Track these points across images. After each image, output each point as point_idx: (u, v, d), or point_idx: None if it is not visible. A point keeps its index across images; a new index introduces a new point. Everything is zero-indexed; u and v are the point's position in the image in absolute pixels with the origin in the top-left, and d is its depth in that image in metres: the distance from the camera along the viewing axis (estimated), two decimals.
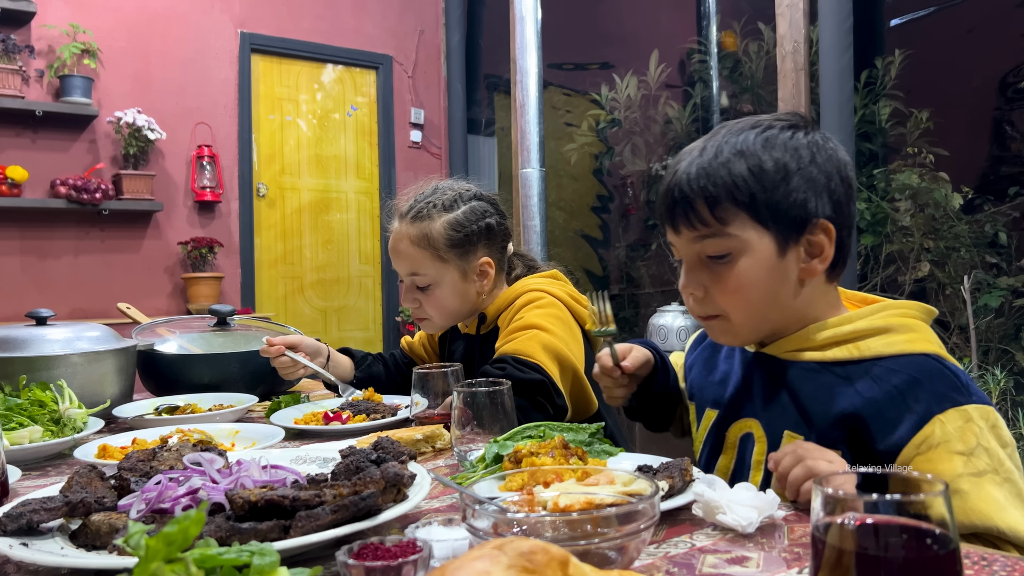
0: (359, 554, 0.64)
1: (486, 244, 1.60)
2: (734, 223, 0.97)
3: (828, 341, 1.00)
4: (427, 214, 1.55)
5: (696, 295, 1.03)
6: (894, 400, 0.93)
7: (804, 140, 1.00)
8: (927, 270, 3.14)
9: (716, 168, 0.98)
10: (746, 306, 1.00)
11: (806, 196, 0.97)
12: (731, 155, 0.98)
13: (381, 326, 5.50)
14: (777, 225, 0.97)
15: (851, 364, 0.98)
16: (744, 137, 1.00)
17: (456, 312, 1.62)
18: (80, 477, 0.87)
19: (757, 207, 0.97)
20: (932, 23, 3.32)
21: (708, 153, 1.00)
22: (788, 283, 1.00)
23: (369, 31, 5.38)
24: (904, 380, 0.93)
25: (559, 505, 0.70)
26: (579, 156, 5.14)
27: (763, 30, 4.02)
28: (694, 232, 1.00)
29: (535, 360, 1.39)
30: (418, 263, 1.56)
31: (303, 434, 1.41)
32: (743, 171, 0.97)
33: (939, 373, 0.94)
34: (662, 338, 3.75)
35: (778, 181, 0.97)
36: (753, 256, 0.98)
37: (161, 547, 0.49)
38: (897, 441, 0.91)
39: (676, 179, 1.01)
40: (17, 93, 4.09)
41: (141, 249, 4.59)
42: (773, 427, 1.03)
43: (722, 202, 0.97)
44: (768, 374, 1.06)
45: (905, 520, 0.50)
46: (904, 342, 0.97)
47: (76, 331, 1.58)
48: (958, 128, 3.21)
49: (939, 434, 0.89)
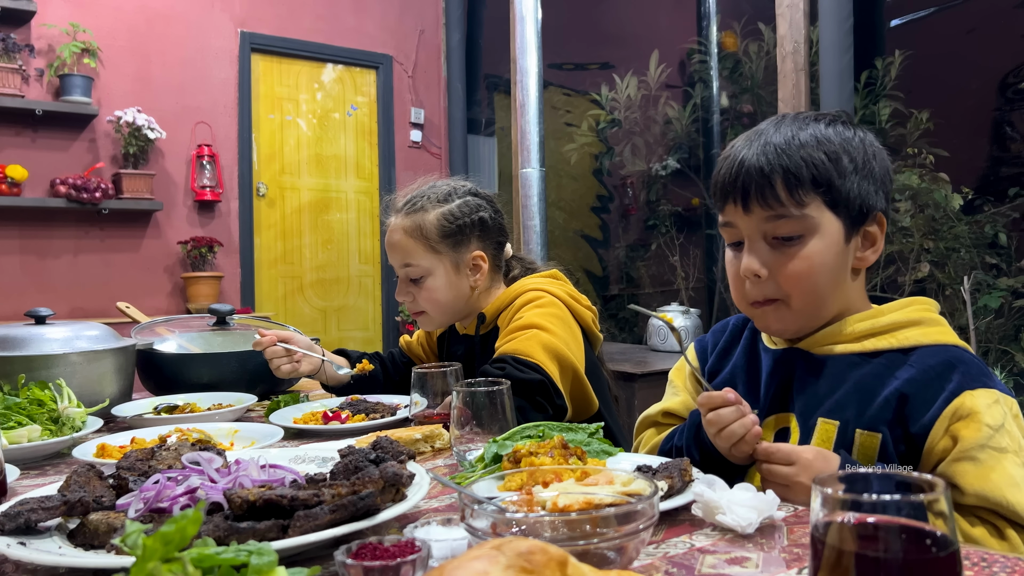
0: (357, 554, 0.64)
1: (479, 237, 1.61)
2: (811, 204, 1.00)
3: (864, 333, 1.04)
4: (421, 206, 1.58)
5: (761, 274, 1.02)
6: (931, 381, 0.97)
7: (865, 138, 1.05)
8: (927, 271, 3.14)
9: (796, 150, 1.00)
10: (811, 290, 1.02)
11: (870, 189, 1.02)
12: (808, 140, 1.01)
13: (381, 326, 5.50)
14: (847, 212, 1.01)
15: (889, 353, 1.02)
16: (814, 127, 1.03)
17: (450, 306, 1.61)
18: (78, 476, 0.87)
19: (832, 191, 1.00)
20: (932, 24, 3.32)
21: (783, 136, 1.02)
22: (846, 271, 1.04)
23: (369, 31, 5.38)
24: (940, 362, 0.98)
25: (558, 505, 0.70)
26: (579, 156, 5.14)
27: (763, 30, 4.02)
28: (768, 211, 1.01)
29: (535, 360, 1.39)
30: (411, 253, 1.57)
31: (302, 433, 1.40)
32: (822, 156, 1.00)
33: (971, 361, 1.00)
34: (662, 338, 3.75)
35: (851, 171, 1.01)
36: (824, 239, 1.01)
37: (158, 546, 0.49)
38: (930, 417, 0.95)
39: (748, 158, 1.02)
40: (17, 92, 4.08)
41: (141, 248, 4.59)
42: (807, 418, 1.05)
43: (803, 182, 0.99)
44: (802, 369, 1.07)
45: (905, 521, 0.50)
46: (937, 333, 1.03)
47: (75, 330, 1.58)
48: (958, 129, 3.21)
49: (969, 405, 0.94)
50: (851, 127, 1.05)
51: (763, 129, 1.06)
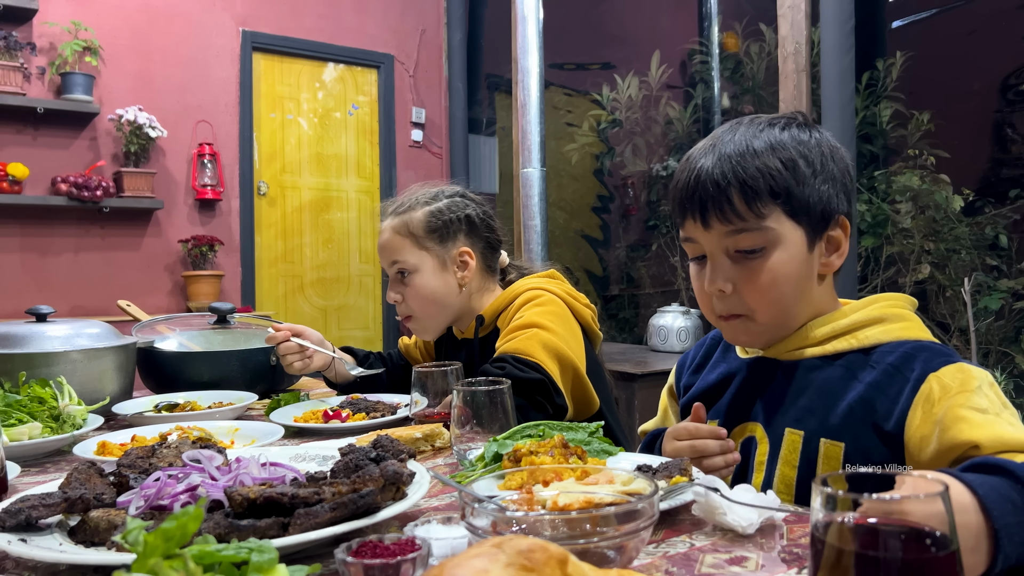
0: (358, 552, 0.64)
1: (467, 234, 1.63)
2: (771, 216, 0.97)
3: (827, 336, 1.02)
4: (409, 206, 1.62)
5: (724, 290, 1.00)
6: (891, 376, 0.95)
7: (822, 138, 1.03)
8: (927, 272, 3.14)
9: (750, 160, 0.97)
10: (777, 301, 1.00)
11: (831, 192, 1.00)
12: (763, 149, 0.98)
13: (381, 325, 5.50)
14: (808, 219, 0.99)
15: (852, 354, 1.00)
16: (768, 133, 1.00)
17: (437, 305, 1.61)
18: (79, 474, 0.87)
19: (791, 200, 0.98)
20: (933, 25, 3.32)
21: (736, 146, 0.99)
22: (811, 278, 1.02)
23: (370, 30, 5.38)
24: (898, 357, 0.96)
25: (558, 504, 0.70)
26: (580, 156, 5.14)
27: (764, 31, 4.02)
28: (728, 226, 0.98)
29: (535, 359, 1.39)
30: (398, 251, 1.60)
31: (302, 432, 1.40)
32: (778, 164, 0.97)
33: (933, 347, 0.97)
34: (662, 338, 3.75)
35: (809, 176, 0.98)
36: (786, 250, 0.99)
37: (159, 543, 0.49)
38: (901, 411, 0.92)
39: (704, 171, 0.99)
40: (18, 90, 4.08)
41: (141, 247, 4.59)
42: (774, 427, 1.04)
43: (760, 194, 0.97)
44: (769, 377, 1.07)
45: (905, 520, 0.50)
46: (900, 329, 1.00)
47: (76, 328, 1.58)
48: (959, 130, 3.21)
49: (937, 388, 0.91)
50: (806, 128, 1.02)
51: (718, 137, 1.03)
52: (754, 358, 1.09)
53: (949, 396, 0.89)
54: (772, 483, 1.01)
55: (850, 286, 2.89)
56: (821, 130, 1.04)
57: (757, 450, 1.05)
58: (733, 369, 1.12)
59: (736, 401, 1.09)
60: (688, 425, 1.02)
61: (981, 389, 0.90)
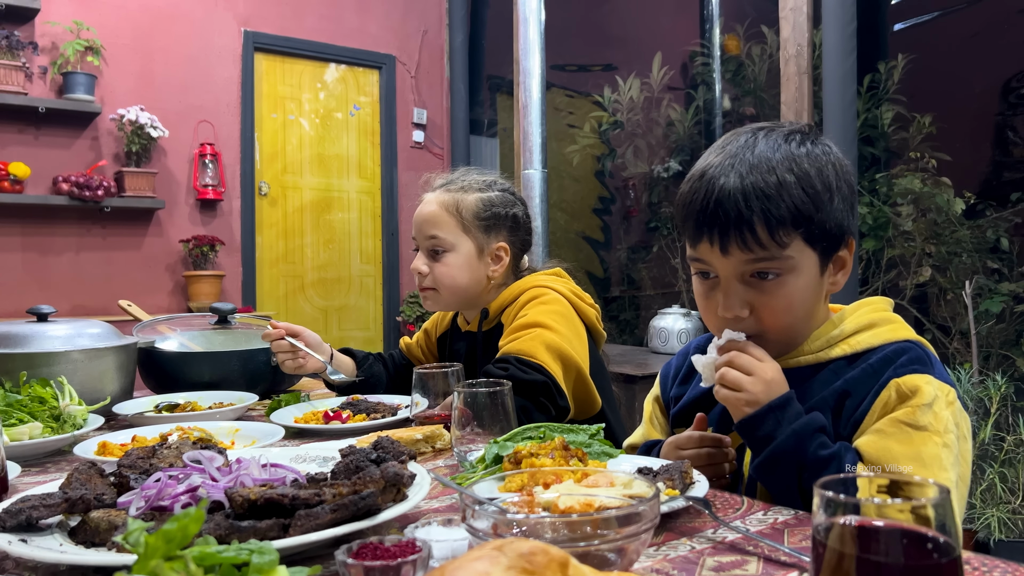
0: (358, 553, 0.64)
1: (509, 231, 1.63)
2: (792, 245, 0.95)
3: (821, 347, 1.04)
4: (462, 187, 1.62)
5: (742, 316, 0.98)
6: (867, 377, 0.97)
7: (831, 153, 1.01)
8: (928, 275, 3.14)
9: (773, 186, 0.94)
10: (790, 324, 1.00)
11: (843, 214, 0.99)
12: (784, 171, 0.95)
13: (382, 326, 5.50)
14: (823, 244, 0.98)
15: (841, 359, 1.02)
16: (785, 151, 0.97)
17: (462, 289, 1.61)
18: (80, 474, 0.87)
19: (812, 227, 0.96)
20: (935, 28, 3.32)
21: (757, 167, 0.95)
22: (820, 299, 1.03)
23: (372, 31, 5.38)
24: (879, 359, 0.99)
25: (559, 506, 0.70)
26: (581, 158, 5.14)
27: (766, 33, 4.02)
28: (749, 255, 0.95)
29: (538, 360, 1.39)
30: (441, 226, 1.59)
31: (303, 433, 1.40)
32: (800, 193, 0.94)
33: (910, 350, 0.99)
34: (663, 340, 3.75)
35: (826, 200, 0.96)
36: (802, 276, 0.98)
37: (160, 544, 0.49)
38: (863, 410, 0.96)
39: (725, 194, 0.95)
40: (20, 90, 4.09)
41: (142, 246, 4.59)
42: None
43: (784, 223, 0.94)
44: None
45: (907, 525, 0.50)
46: (888, 332, 1.02)
47: (77, 328, 1.58)
48: (960, 133, 3.21)
49: (894, 396, 0.93)
50: (818, 143, 1.00)
51: (735, 153, 0.98)
52: None
53: (900, 401, 0.93)
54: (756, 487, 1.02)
55: (851, 289, 2.89)
56: (829, 143, 1.02)
57: (747, 457, 1.05)
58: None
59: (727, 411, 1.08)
60: (693, 434, 1.04)
61: (930, 406, 0.91)
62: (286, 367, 1.65)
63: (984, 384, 2.66)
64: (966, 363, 2.87)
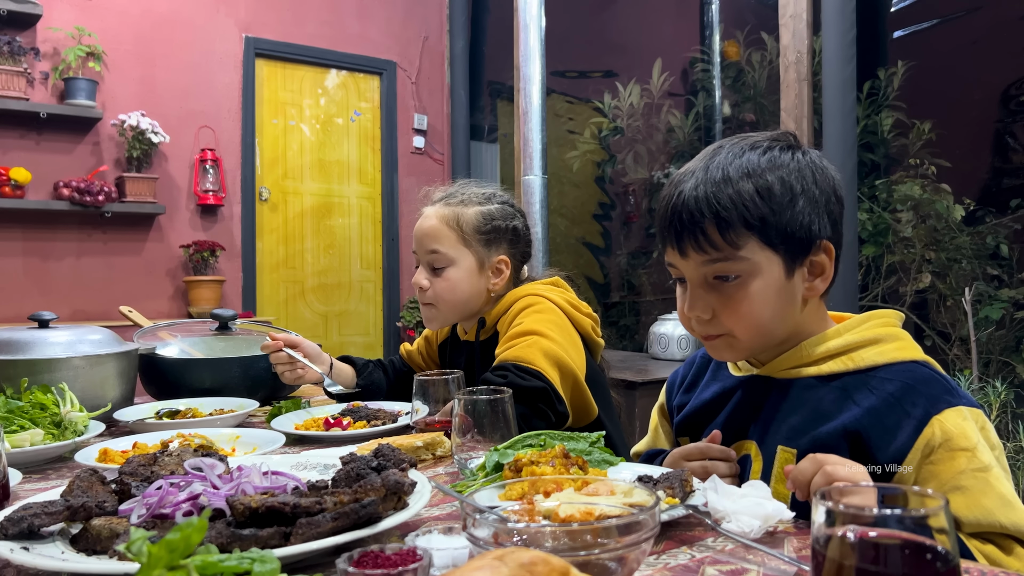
0: (359, 562, 0.64)
1: (510, 244, 1.63)
2: (746, 246, 0.97)
3: (822, 356, 1.02)
4: (461, 200, 1.61)
5: (704, 317, 1.02)
6: (891, 407, 0.95)
7: (804, 161, 1.01)
8: (928, 281, 3.14)
9: (724, 190, 0.97)
10: (756, 325, 1.01)
11: (811, 218, 0.99)
12: (738, 177, 0.98)
13: (382, 331, 5.50)
14: (785, 247, 0.99)
15: (846, 375, 1.00)
16: (748, 158, 0.99)
17: (462, 303, 1.61)
18: (81, 481, 0.87)
19: (767, 230, 0.97)
20: (935, 35, 3.33)
21: (713, 174, 0.99)
22: (794, 303, 1.02)
23: (373, 37, 5.39)
24: (899, 387, 0.96)
25: (559, 515, 0.70)
26: (581, 163, 5.15)
27: (766, 40, 4.03)
28: (704, 256, 0.99)
29: (536, 367, 1.39)
30: (441, 240, 1.59)
31: (303, 440, 1.41)
32: (752, 193, 0.97)
33: (931, 379, 0.97)
34: (663, 346, 3.75)
35: (786, 203, 0.98)
36: (763, 278, 0.99)
37: (163, 554, 0.49)
38: (900, 448, 0.92)
39: (682, 201, 1.00)
40: (22, 95, 4.10)
41: (143, 252, 4.60)
42: (768, 445, 1.04)
43: (734, 225, 0.97)
44: (763, 395, 1.07)
45: (906, 535, 0.50)
46: (894, 350, 1.00)
47: (78, 334, 1.58)
48: (960, 140, 3.21)
49: (939, 434, 0.91)
50: (789, 150, 1.01)
51: (701, 161, 1.02)
52: (748, 376, 1.10)
53: (952, 450, 0.90)
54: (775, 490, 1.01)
55: (851, 295, 2.89)
56: (808, 151, 1.03)
57: (751, 468, 1.05)
58: (728, 388, 1.13)
59: (732, 420, 1.10)
60: (700, 445, 1.04)
61: (980, 445, 0.91)
62: (285, 379, 1.67)
63: (984, 391, 2.66)
64: (966, 370, 2.87)
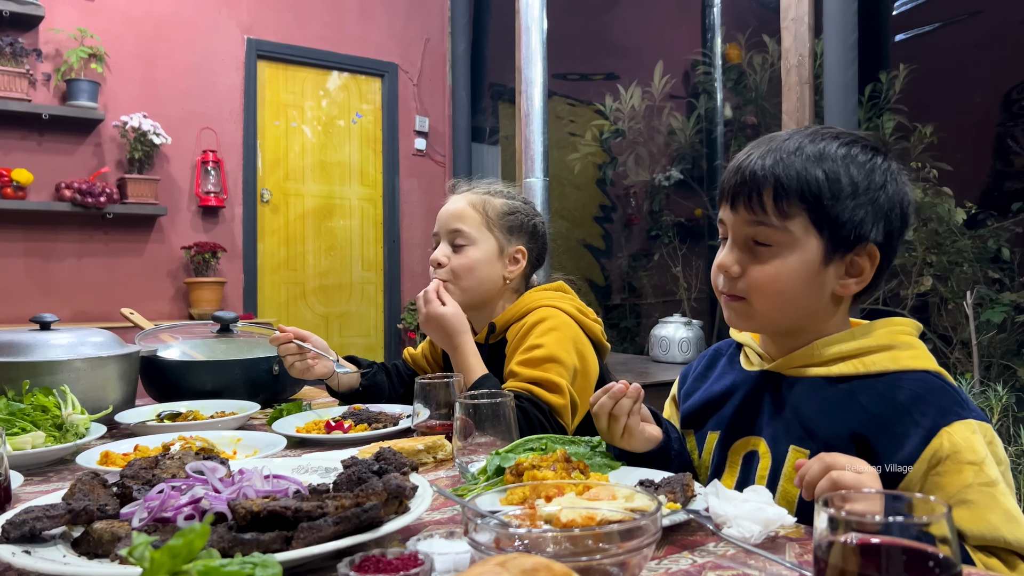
0: (361, 566, 0.64)
1: (529, 238, 1.69)
2: (794, 219, 0.99)
3: (834, 357, 1.02)
4: (488, 191, 1.69)
5: (731, 272, 1.04)
6: (900, 416, 0.94)
7: (883, 165, 1.02)
8: (929, 284, 3.14)
9: (793, 162, 1.00)
10: (774, 297, 1.02)
11: (865, 217, 0.99)
12: (811, 155, 1.00)
13: (383, 333, 5.51)
14: (831, 234, 0.99)
15: (856, 379, 1.00)
16: (827, 144, 1.01)
17: (476, 285, 1.62)
18: (83, 484, 0.87)
19: (820, 210, 0.99)
20: (937, 38, 3.33)
21: (788, 146, 1.01)
22: (822, 294, 1.02)
23: (375, 39, 5.40)
24: (909, 396, 0.95)
25: (561, 520, 0.70)
26: (582, 166, 5.15)
27: (768, 43, 4.03)
28: (751, 215, 1.01)
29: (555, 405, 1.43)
30: (466, 220, 1.64)
31: (305, 442, 1.41)
32: (819, 174, 0.99)
33: (942, 390, 0.96)
34: (664, 349, 3.75)
35: (846, 195, 0.99)
36: (799, 256, 1.00)
37: (166, 560, 0.49)
38: (907, 456, 0.92)
39: (750, 161, 1.03)
40: (24, 96, 4.10)
41: (144, 253, 4.60)
42: (778, 443, 1.03)
43: (789, 196, 0.99)
44: (773, 391, 1.07)
45: (908, 542, 0.50)
46: (908, 358, 0.99)
47: (80, 336, 1.58)
48: (962, 143, 3.21)
49: (947, 446, 0.91)
50: (871, 151, 1.02)
51: (780, 136, 1.05)
52: (760, 371, 1.10)
53: (959, 463, 0.90)
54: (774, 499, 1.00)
55: None
56: (892, 161, 1.04)
57: (759, 465, 1.05)
58: (738, 381, 1.13)
59: (739, 413, 1.10)
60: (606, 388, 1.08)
61: (988, 460, 0.91)
62: (294, 370, 1.65)
63: (985, 394, 2.66)
64: (967, 373, 2.87)
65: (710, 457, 1.14)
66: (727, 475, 1.10)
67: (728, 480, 1.09)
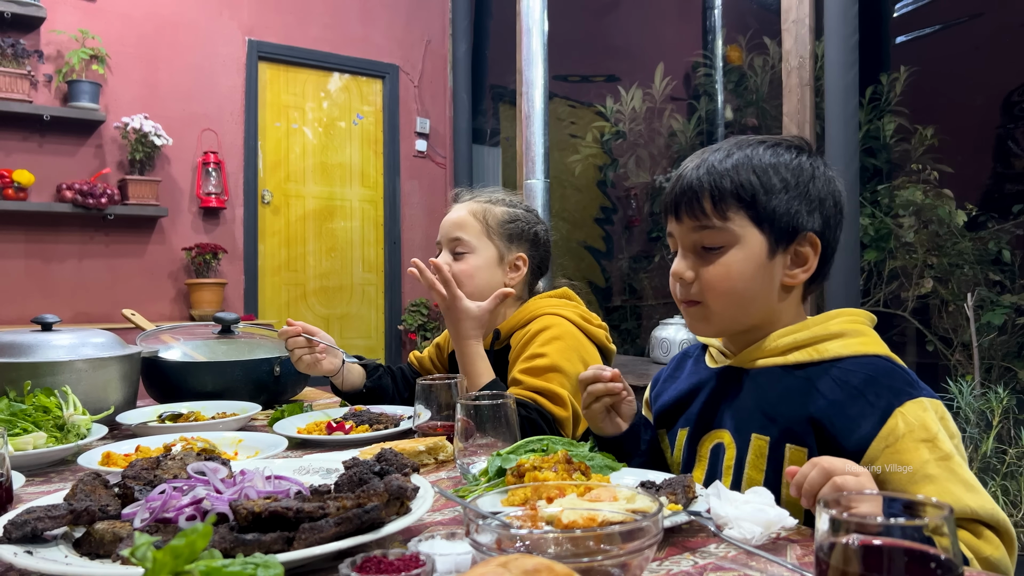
0: (362, 567, 0.64)
1: (530, 246, 1.70)
2: (734, 219, 1.06)
3: (789, 347, 1.07)
4: (489, 200, 1.71)
5: (685, 278, 1.10)
6: (854, 399, 0.99)
7: (808, 162, 1.09)
8: (930, 286, 3.14)
9: (724, 168, 1.07)
10: (728, 295, 1.07)
11: (800, 208, 1.06)
12: (739, 160, 1.08)
13: (383, 334, 5.51)
14: (771, 227, 1.06)
15: (811, 366, 1.05)
16: (754, 149, 1.09)
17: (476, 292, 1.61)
18: (84, 485, 0.87)
19: (756, 207, 1.06)
20: (937, 40, 3.33)
21: (718, 155, 1.09)
22: (771, 285, 1.08)
23: (376, 40, 5.40)
24: (862, 379, 1.00)
25: (562, 521, 0.70)
26: (583, 167, 5.15)
27: (768, 45, 4.04)
28: (695, 222, 1.08)
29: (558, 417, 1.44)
30: (467, 229, 1.65)
31: (306, 443, 1.41)
32: (749, 175, 1.06)
33: (892, 371, 1.02)
34: (664, 350, 3.75)
35: (779, 189, 1.06)
36: (744, 250, 1.06)
37: (168, 560, 0.49)
38: (863, 437, 0.97)
39: (686, 174, 1.11)
40: (25, 97, 4.11)
41: (145, 254, 4.60)
42: (741, 433, 1.08)
43: (726, 198, 1.06)
44: (734, 384, 1.12)
45: (910, 544, 0.50)
46: (858, 344, 1.05)
47: (81, 337, 1.58)
48: (963, 145, 3.21)
49: (902, 425, 0.95)
50: (796, 150, 1.09)
51: (707, 149, 1.13)
52: (722, 368, 1.15)
53: (915, 441, 0.95)
54: (740, 487, 1.04)
55: (853, 300, 2.89)
56: (817, 157, 1.11)
57: (725, 455, 1.09)
58: (703, 379, 1.18)
59: (705, 409, 1.15)
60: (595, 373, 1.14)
61: (941, 435, 0.96)
62: (302, 363, 1.65)
63: (986, 396, 2.66)
64: (968, 375, 2.87)
65: (680, 453, 1.18)
66: (697, 468, 1.14)
67: (698, 473, 1.13)
